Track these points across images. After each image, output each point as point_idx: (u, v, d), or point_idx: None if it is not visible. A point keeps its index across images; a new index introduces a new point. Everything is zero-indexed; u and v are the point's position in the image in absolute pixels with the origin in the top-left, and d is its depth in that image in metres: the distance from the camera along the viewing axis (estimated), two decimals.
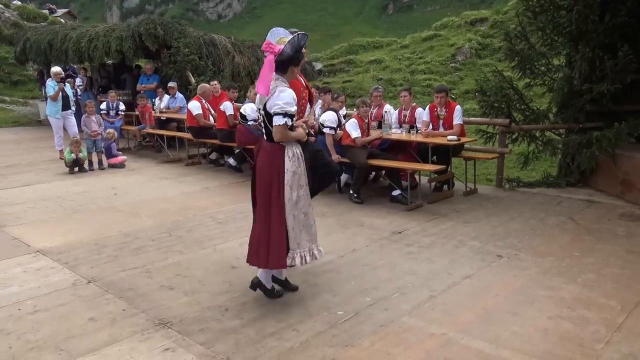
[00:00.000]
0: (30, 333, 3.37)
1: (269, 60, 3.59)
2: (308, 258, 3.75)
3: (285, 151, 3.62)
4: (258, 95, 3.70)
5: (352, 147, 6.59)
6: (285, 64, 3.59)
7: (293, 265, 3.79)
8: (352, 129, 6.55)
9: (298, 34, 3.59)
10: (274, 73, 3.60)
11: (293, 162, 3.63)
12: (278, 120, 3.52)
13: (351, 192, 6.56)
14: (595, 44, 6.44)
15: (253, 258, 3.74)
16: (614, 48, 6.39)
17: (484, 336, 3.24)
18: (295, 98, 3.57)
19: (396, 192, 6.47)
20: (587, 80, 6.60)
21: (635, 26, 6.40)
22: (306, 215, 3.73)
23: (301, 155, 3.68)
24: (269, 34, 3.71)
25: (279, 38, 3.66)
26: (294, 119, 3.62)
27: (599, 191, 6.81)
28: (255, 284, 3.83)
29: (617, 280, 4.06)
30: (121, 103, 11.22)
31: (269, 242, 3.64)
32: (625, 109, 6.70)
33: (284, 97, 3.52)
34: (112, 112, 10.95)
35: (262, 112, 3.65)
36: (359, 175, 6.52)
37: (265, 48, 3.63)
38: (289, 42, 3.53)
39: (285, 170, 3.61)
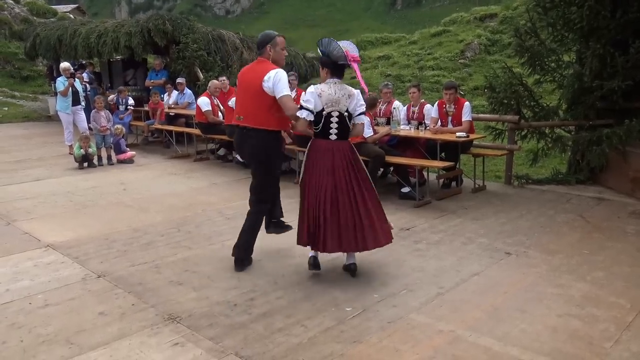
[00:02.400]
0: (41, 327, 3.40)
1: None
2: None
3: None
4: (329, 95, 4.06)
5: (363, 143, 6.54)
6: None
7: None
8: (365, 127, 6.46)
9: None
10: (338, 78, 4.18)
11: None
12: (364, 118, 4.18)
13: None
14: (607, 40, 6.37)
15: (382, 239, 4.03)
16: (625, 44, 6.33)
17: (492, 333, 3.24)
18: None
19: (405, 190, 6.46)
20: (597, 77, 6.54)
21: None
22: None
23: None
24: (347, 46, 4.16)
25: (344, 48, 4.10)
26: None
27: (608, 189, 6.76)
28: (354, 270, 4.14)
29: (627, 278, 4.04)
30: (130, 98, 11.28)
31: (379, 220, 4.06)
32: (636, 106, 6.63)
33: (361, 98, 4.12)
34: (121, 107, 11.01)
35: (345, 112, 4.04)
36: (375, 165, 6.44)
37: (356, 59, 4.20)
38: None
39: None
